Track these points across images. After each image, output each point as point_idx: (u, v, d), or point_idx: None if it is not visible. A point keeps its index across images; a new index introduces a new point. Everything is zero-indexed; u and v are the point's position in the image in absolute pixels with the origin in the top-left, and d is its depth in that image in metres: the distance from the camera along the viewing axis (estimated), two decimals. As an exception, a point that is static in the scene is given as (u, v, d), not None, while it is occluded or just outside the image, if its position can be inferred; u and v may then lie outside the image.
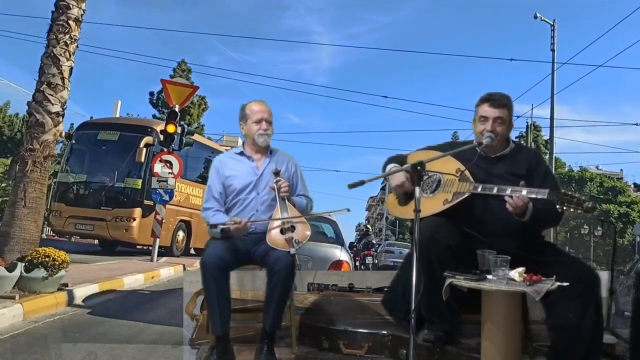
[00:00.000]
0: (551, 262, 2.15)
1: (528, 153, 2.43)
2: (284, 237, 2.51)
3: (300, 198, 2.79)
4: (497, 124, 2.31)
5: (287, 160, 2.83)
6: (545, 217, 2.20)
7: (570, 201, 1.97)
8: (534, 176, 2.30)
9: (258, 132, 2.71)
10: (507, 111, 2.33)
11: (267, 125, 2.72)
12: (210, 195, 2.73)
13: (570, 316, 2.05)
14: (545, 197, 2.04)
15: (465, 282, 1.98)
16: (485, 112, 2.33)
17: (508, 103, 2.35)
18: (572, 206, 1.97)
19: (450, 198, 2.29)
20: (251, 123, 2.73)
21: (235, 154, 2.82)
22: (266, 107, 2.77)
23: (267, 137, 2.73)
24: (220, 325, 2.40)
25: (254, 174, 2.72)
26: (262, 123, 2.71)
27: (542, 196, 2.06)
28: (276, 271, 2.41)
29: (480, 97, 2.39)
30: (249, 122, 2.74)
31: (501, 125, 2.31)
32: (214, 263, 2.38)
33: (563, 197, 2.00)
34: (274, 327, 2.46)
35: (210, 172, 2.83)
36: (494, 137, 2.31)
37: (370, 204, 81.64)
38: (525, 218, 2.16)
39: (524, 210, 2.14)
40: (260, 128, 2.71)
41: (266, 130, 2.71)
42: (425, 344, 2.27)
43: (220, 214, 2.67)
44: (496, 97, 2.34)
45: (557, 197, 2.01)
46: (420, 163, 2.05)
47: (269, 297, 2.45)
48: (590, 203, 1.98)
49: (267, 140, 2.73)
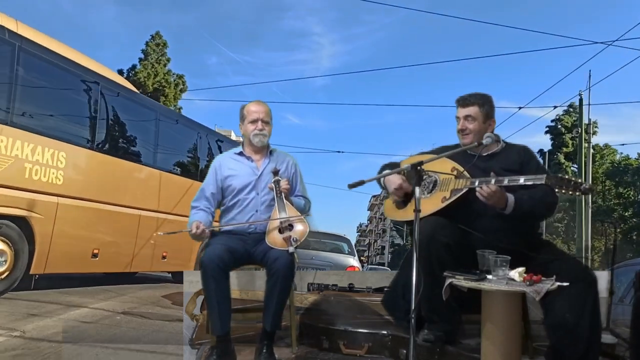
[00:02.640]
0: (550, 262, 2.15)
1: (519, 150, 2.49)
2: (282, 236, 2.51)
3: (299, 199, 2.79)
4: (467, 122, 2.45)
5: (287, 160, 2.83)
6: (533, 207, 2.25)
7: (567, 184, 2.01)
8: (527, 170, 2.33)
9: (253, 132, 2.71)
10: (476, 108, 2.44)
11: (262, 125, 2.72)
12: (202, 194, 2.74)
13: (569, 316, 2.05)
14: (543, 182, 2.08)
15: (465, 282, 1.98)
16: (458, 113, 2.50)
17: (477, 101, 2.46)
18: (570, 189, 2.01)
19: (449, 195, 2.31)
20: (247, 123, 2.74)
21: (234, 154, 2.82)
22: (264, 107, 2.77)
23: (263, 137, 2.73)
24: (220, 325, 2.40)
25: (254, 174, 2.72)
26: (257, 123, 2.71)
27: (540, 181, 2.10)
28: (275, 271, 2.42)
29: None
30: (245, 122, 2.75)
31: (472, 122, 2.44)
32: (213, 263, 2.38)
33: (560, 180, 2.04)
34: (274, 327, 2.46)
35: (208, 171, 2.83)
36: (493, 137, 2.36)
37: (373, 203, 79.73)
38: (508, 210, 2.22)
39: (503, 202, 2.20)
40: (256, 128, 2.71)
41: (262, 130, 2.71)
42: (425, 344, 2.28)
43: (202, 213, 2.67)
44: (464, 97, 2.50)
45: (554, 180, 2.05)
46: (420, 163, 2.07)
47: (269, 296, 2.44)
48: (587, 185, 2.04)
49: (262, 140, 2.73)
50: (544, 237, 2.49)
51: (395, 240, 57.07)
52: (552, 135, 30.48)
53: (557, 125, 30.36)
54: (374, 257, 73.36)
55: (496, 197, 2.18)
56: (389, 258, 54.59)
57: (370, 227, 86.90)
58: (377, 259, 70.28)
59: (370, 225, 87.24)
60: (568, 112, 29.19)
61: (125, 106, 7.07)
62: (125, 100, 7.10)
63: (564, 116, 29.62)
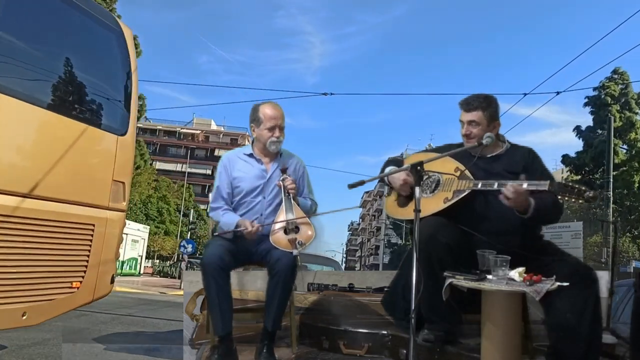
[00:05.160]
0: (550, 262, 2.15)
1: (523, 151, 2.46)
2: (288, 238, 2.49)
3: (306, 200, 2.77)
4: (471, 127, 2.41)
5: (295, 162, 2.79)
6: (545, 212, 2.21)
7: (571, 191, 1.98)
8: (531, 173, 2.31)
9: (270, 140, 2.64)
10: (480, 113, 2.39)
11: (279, 133, 2.65)
12: (218, 195, 2.69)
13: (569, 316, 2.05)
14: (546, 188, 2.05)
15: (465, 282, 1.98)
16: (461, 117, 2.46)
17: (481, 105, 2.41)
18: (573, 196, 1.97)
19: (451, 196, 2.30)
20: (264, 129, 2.65)
21: (244, 155, 2.76)
22: (280, 111, 2.68)
23: (279, 144, 2.68)
24: (222, 325, 2.40)
25: (262, 177, 2.68)
26: (275, 130, 2.64)
27: (543, 188, 2.07)
28: (277, 271, 2.41)
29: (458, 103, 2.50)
30: (261, 127, 2.66)
31: (476, 127, 2.40)
32: (214, 263, 2.38)
33: (564, 187, 2.00)
34: (275, 327, 2.46)
35: (218, 170, 2.78)
36: (493, 137, 2.35)
37: (366, 200, 74.76)
38: (528, 214, 2.16)
39: (526, 206, 2.14)
40: (273, 135, 2.64)
41: (279, 137, 2.66)
42: (425, 344, 2.27)
43: (229, 212, 2.64)
44: (468, 101, 2.45)
45: (557, 187, 2.02)
46: (420, 163, 2.06)
47: (270, 297, 2.44)
48: (591, 192, 1.97)
49: (278, 147, 2.68)
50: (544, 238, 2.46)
51: (391, 240, 53.27)
52: (594, 108, 24.44)
53: (600, 94, 24.23)
54: (367, 258, 69.60)
55: (521, 199, 2.12)
56: (387, 259, 51.15)
57: (362, 225, 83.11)
58: (370, 260, 66.44)
59: (362, 224, 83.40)
60: (612, 80, 23.89)
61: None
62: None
63: (609, 83, 23.69)
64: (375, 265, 60.89)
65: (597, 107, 24.16)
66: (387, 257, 51.51)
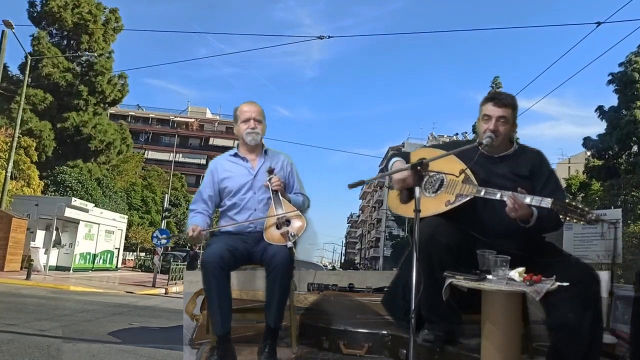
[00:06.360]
0: (551, 262, 2.14)
1: (532, 154, 2.42)
2: (280, 232, 2.55)
3: (297, 196, 2.82)
4: (500, 123, 2.30)
5: (282, 159, 2.86)
6: (547, 222, 2.18)
7: (573, 212, 1.95)
8: (537, 177, 2.29)
9: (246, 131, 2.75)
10: (510, 110, 2.33)
11: (255, 124, 2.75)
12: (199, 197, 2.79)
13: (570, 316, 2.04)
14: (549, 206, 2.02)
15: (465, 282, 1.98)
16: (489, 111, 2.33)
17: (512, 102, 2.35)
18: (575, 217, 1.95)
19: (453, 200, 2.29)
20: (240, 123, 2.78)
21: (230, 156, 2.86)
22: (255, 107, 2.81)
23: (256, 135, 2.76)
24: (221, 325, 2.41)
25: (249, 174, 2.75)
26: (249, 122, 2.75)
27: (546, 205, 2.03)
28: (275, 266, 2.43)
29: (485, 96, 2.40)
30: (238, 122, 2.79)
31: (504, 125, 2.31)
32: (214, 262, 2.39)
33: (567, 207, 1.97)
34: (277, 324, 2.47)
35: (205, 174, 2.86)
36: (494, 137, 2.29)
37: (365, 191, 73.82)
38: (530, 224, 2.15)
39: (529, 216, 2.12)
40: (248, 127, 2.75)
41: (254, 128, 2.75)
42: (425, 344, 2.27)
43: (199, 216, 2.72)
44: (501, 97, 2.36)
45: (560, 206, 1.98)
46: (420, 163, 2.05)
47: (270, 293, 2.45)
48: (593, 215, 1.94)
49: (255, 138, 2.76)
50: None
51: (393, 232, 50.69)
52: (619, 86, 21.80)
53: (626, 70, 21.73)
54: (367, 250, 68.14)
55: (523, 211, 2.10)
56: (389, 252, 48.69)
57: (362, 217, 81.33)
58: (370, 252, 65.07)
59: (362, 215, 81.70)
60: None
61: None
62: None
63: (636, 58, 21.50)
64: (375, 258, 59.89)
65: (623, 84, 21.64)
66: (388, 250, 49.53)
